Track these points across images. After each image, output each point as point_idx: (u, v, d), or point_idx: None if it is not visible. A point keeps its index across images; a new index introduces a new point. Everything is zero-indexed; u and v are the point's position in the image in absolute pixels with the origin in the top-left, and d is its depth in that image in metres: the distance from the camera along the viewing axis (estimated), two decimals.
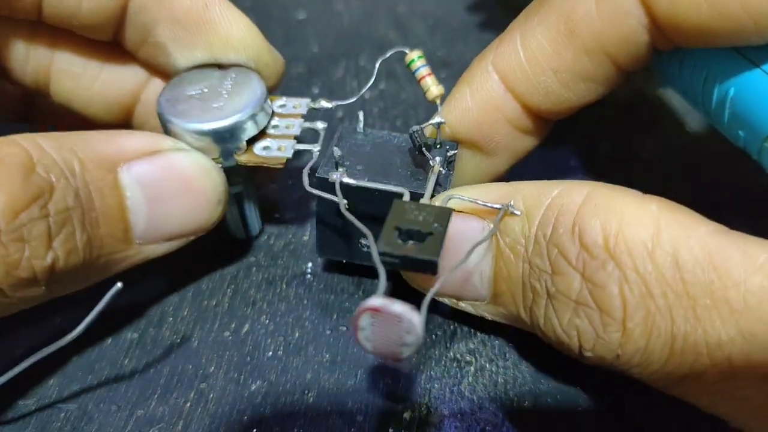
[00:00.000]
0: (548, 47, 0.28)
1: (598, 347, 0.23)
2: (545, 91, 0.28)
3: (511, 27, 0.30)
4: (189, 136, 0.28)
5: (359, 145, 0.30)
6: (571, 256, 0.23)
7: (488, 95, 0.29)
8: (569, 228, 0.23)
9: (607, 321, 0.22)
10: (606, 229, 0.22)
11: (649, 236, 0.21)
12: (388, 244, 0.23)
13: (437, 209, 0.25)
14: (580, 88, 0.28)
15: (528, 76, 0.28)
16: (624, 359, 0.22)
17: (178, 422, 0.27)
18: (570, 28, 0.27)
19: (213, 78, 0.30)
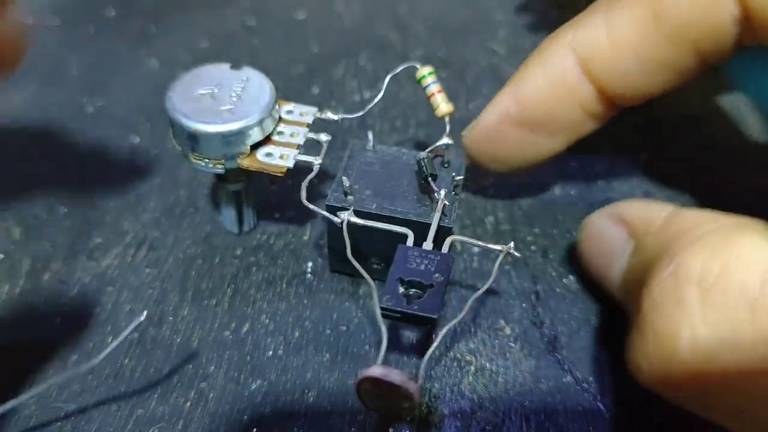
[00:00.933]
0: (633, 32, 0.27)
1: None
2: (625, 78, 0.28)
3: (593, 8, 0.29)
4: (195, 135, 0.28)
5: (369, 164, 0.31)
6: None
7: (564, 77, 0.29)
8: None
9: None
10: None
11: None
12: (389, 300, 0.25)
13: (439, 257, 0.26)
14: (660, 76, 0.28)
15: (610, 60, 0.27)
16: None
17: (178, 422, 0.27)
18: (658, 13, 0.26)
19: (225, 77, 0.30)
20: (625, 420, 0.28)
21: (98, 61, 0.45)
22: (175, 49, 0.46)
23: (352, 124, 0.40)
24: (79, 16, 0.49)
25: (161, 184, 0.37)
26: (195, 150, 0.29)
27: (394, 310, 0.24)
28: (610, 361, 0.29)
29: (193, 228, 0.35)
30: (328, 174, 0.35)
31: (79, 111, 0.41)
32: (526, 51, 0.45)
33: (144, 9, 0.50)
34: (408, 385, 0.22)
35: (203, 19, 0.49)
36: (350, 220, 0.27)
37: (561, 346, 0.30)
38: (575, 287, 0.32)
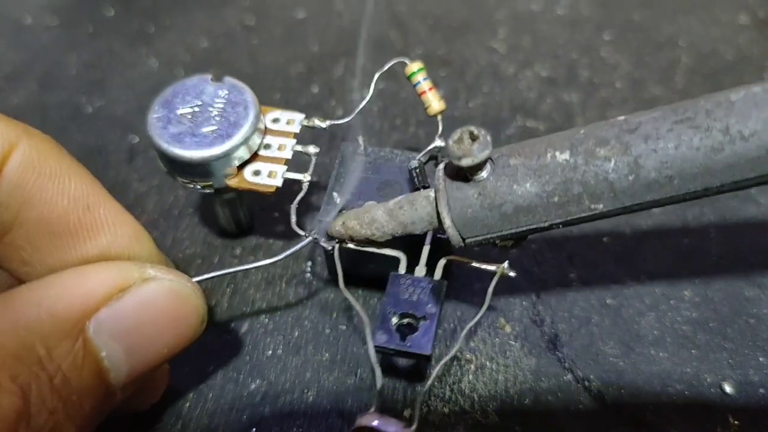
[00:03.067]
0: None
1: None
2: None
3: None
4: (180, 161, 0.27)
5: (361, 169, 0.30)
6: None
7: None
8: None
9: None
10: None
11: None
12: (382, 336, 0.25)
13: (432, 285, 0.26)
14: None
15: None
16: None
17: (177, 422, 0.27)
18: None
19: (205, 92, 0.29)
20: (625, 419, 0.27)
21: (97, 60, 0.45)
22: (174, 48, 0.46)
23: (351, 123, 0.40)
24: (78, 15, 0.49)
25: (159, 185, 0.37)
26: (181, 175, 0.28)
27: (387, 348, 0.25)
28: (611, 359, 0.29)
29: (191, 228, 0.35)
30: (321, 177, 0.35)
31: (78, 110, 0.41)
32: (526, 50, 0.46)
33: (143, 8, 0.50)
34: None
35: (202, 18, 0.49)
36: (342, 246, 0.27)
37: (561, 345, 0.30)
38: (576, 286, 0.32)
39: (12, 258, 0.24)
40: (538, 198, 0.22)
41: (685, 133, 0.20)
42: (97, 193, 0.24)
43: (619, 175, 0.21)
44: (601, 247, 0.33)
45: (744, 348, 0.29)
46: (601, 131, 0.22)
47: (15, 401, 0.19)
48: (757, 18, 0.47)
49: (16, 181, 0.22)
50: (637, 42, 0.45)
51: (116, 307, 0.22)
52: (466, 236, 0.23)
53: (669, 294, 0.31)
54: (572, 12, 0.48)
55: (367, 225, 0.25)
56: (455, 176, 0.23)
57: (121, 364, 0.22)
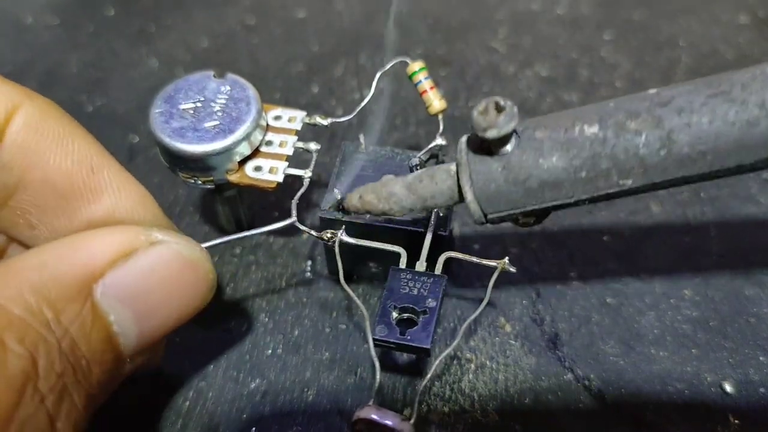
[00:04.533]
0: None
1: None
2: None
3: None
4: (181, 155, 0.27)
5: (362, 167, 0.30)
6: None
7: None
8: None
9: None
10: None
11: None
12: (382, 330, 0.25)
13: (432, 280, 0.26)
14: None
15: None
16: None
17: (177, 421, 0.27)
18: None
19: (207, 88, 0.29)
20: (625, 418, 0.27)
21: (98, 60, 0.45)
22: (174, 48, 0.46)
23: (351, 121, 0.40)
24: (79, 15, 0.49)
25: (160, 184, 0.37)
26: (182, 169, 0.28)
27: (387, 342, 0.25)
28: (611, 358, 0.29)
29: (192, 227, 0.35)
30: (321, 177, 0.35)
31: (78, 110, 0.41)
32: (526, 50, 0.46)
33: (144, 8, 0.50)
34: (402, 426, 0.23)
35: (203, 18, 0.49)
36: (342, 240, 0.27)
37: (561, 344, 0.30)
38: (576, 284, 0.32)
39: (18, 222, 0.24)
40: (565, 173, 0.21)
41: (720, 107, 0.20)
42: (101, 156, 0.24)
43: (651, 150, 0.20)
44: (601, 246, 0.33)
45: (744, 347, 0.29)
46: (632, 104, 0.21)
47: (23, 363, 0.19)
48: (757, 18, 0.47)
49: (20, 142, 0.23)
50: (637, 42, 0.46)
51: (123, 270, 0.22)
52: (488, 212, 0.23)
53: (669, 293, 0.31)
54: (572, 12, 0.48)
55: (384, 199, 0.24)
56: (478, 149, 0.22)
57: (130, 330, 0.22)
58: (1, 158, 0.23)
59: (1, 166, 0.23)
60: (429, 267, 0.27)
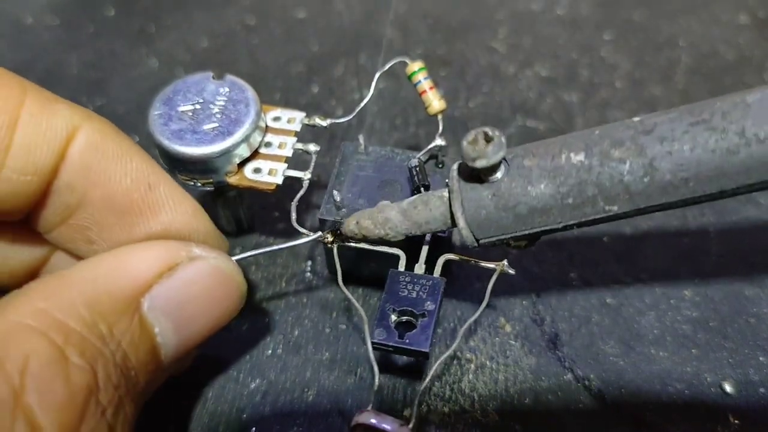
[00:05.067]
0: None
1: None
2: None
3: None
4: (181, 158, 0.27)
5: (361, 168, 0.30)
6: None
7: None
8: None
9: None
10: None
11: None
12: (380, 334, 0.25)
13: (431, 282, 0.26)
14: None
15: None
16: None
17: (177, 421, 0.27)
18: None
19: (206, 90, 0.29)
20: (625, 418, 0.27)
21: (98, 60, 0.45)
22: (174, 48, 0.46)
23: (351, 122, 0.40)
24: (79, 15, 0.49)
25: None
26: (181, 171, 0.28)
27: (385, 345, 0.25)
28: (611, 358, 0.29)
29: None
30: (321, 178, 0.35)
31: None
32: (526, 50, 0.46)
33: (144, 8, 0.50)
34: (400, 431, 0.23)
35: (203, 18, 0.49)
36: (341, 242, 0.27)
37: (561, 344, 0.30)
38: (576, 285, 0.32)
39: (77, 238, 0.25)
40: (553, 199, 0.22)
41: (700, 135, 0.20)
42: (157, 173, 0.25)
43: (635, 177, 0.21)
44: (601, 247, 0.33)
45: (744, 347, 0.29)
46: (616, 132, 0.22)
47: (86, 377, 0.20)
48: (757, 18, 0.47)
49: (82, 162, 0.23)
50: (637, 42, 0.46)
51: (167, 284, 0.23)
52: (480, 237, 0.23)
53: (669, 293, 0.31)
54: (572, 12, 0.48)
55: (381, 225, 0.25)
56: (469, 177, 0.23)
57: (170, 340, 0.23)
58: (63, 179, 0.23)
59: (63, 186, 0.23)
60: (428, 269, 0.27)
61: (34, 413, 0.18)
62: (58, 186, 0.23)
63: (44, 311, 0.20)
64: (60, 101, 0.24)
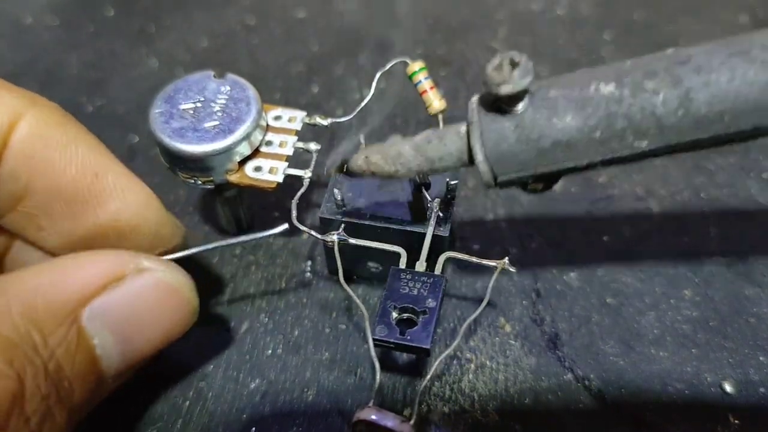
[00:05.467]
0: None
1: None
2: None
3: None
4: (181, 155, 0.27)
5: None
6: None
7: None
8: None
9: None
10: None
11: None
12: (382, 330, 0.25)
13: (432, 280, 0.26)
14: None
15: None
16: None
17: (177, 421, 0.27)
18: None
19: (207, 88, 0.29)
20: (625, 418, 0.27)
21: (98, 60, 0.45)
22: (174, 48, 0.46)
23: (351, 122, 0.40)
24: (79, 15, 0.49)
25: (160, 184, 0.37)
26: (182, 169, 0.28)
27: (387, 342, 0.25)
28: (611, 358, 0.29)
29: (192, 227, 0.35)
30: (321, 177, 0.35)
31: (78, 110, 0.41)
32: (526, 50, 0.46)
33: (144, 8, 0.50)
34: (401, 428, 0.23)
35: (203, 18, 0.49)
36: (341, 240, 0.27)
37: (561, 344, 0.30)
38: (576, 285, 0.32)
39: (27, 225, 0.25)
40: (579, 132, 0.21)
41: (739, 66, 0.19)
42: (105, 161, 0.25)
43: (668, 110, 0.20)
44: (601, 246, 0.33)
45: (744, 347, 0.29)
46: (649, 63, 0.21)
47: (11, 385, 0.19)
48: (757, 18, 0.47)
49: (24, 151, 0.23)
50: (637, 42, 0.46)
51: (110, 296, 0.22)
52: (498, 173, 0.22)
53: (669, 293, 0.31)
54: (572, 12, 0.48)
55: (391, 160, 0.24)
56: (490, 108, 0.22)
57: (112, 353, 0.23)
58: (6, 167, 0.23)
59: (7, 174, 0.23)
60: (429, 267, 0.27)
61: None
62: (1, 173, 0.23)
63: None
64: (4, 88, 0.23)
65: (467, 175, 0.37)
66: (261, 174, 0.28)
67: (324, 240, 0.27)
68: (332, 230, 0.27)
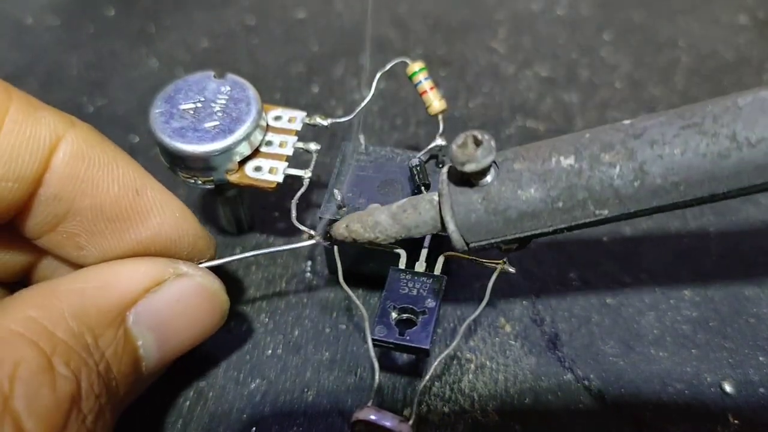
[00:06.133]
0: None
1: None
2: None
3: None
4: (182, 155, 0.27)
5: (361, 168, 0.30)
6: None
7: None
8: None
9: None
10: None
11: None
12: (381, 330, 0.25)
13: (431, 280, 0.26)
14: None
15: None
16: None
17: (178, 421, 0.27)
18: None
19: (208, 89, 0.29)
20: (625, 418, 0.27)
21: (98, 60, 0.45)
22: (174, 48, 0.46)
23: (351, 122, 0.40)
24: (79, 15, 0.49)
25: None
26: (182, 169, 0.28)
27: (386, 342, 0.25)
28: (611, 358, 0.29)
29: None
30: (321, 177, 0.35)
31: (78, 110, 0.41)
32: (526, 50, 0.46)
33: (144, 8, 0.50)
34: (400, 428, 0.23)
35: (203, 18, 0.49)
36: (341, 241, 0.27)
37: (561, 344, 0.30)
38: (576, 285, 0.32)
39: (67, 244, 0.25)
40: (543, 203, 0.22)
41: (692, 139, 0.20)
42: (144, 177, 0.25)
43: (625, 182, 0.21)
44: (600, 247, 0.33)
45: (744, 347, 0.29)
46: (606, 135, 0.22)
47: (69, 386, 0.20)
48: (756, 19, 0.47)
49: (67, 172, 0.23)
50: (637, 42, 0.46)
51: (152, 299, 0.24)
52: (470, 241, 0.23)
53: (669, 293, 0.31)
54: (572, 12, 0.48)
55: (370, 228, 0.25)
56: (459, 181, 0.23)
57: (153, 353, 0.24)
58: (49, 189, 0.23)
59: (51, 196, 0.23)
60: (428, 267, 0.27)
61: (21, 418, 0.19)
62: (44, 195, 0.23)
63: (34, 320, 0.21)
64: (44, 108, 0.23)
65: None
66: (261, 174, 0.28)
67: (323, 243, 0.27)
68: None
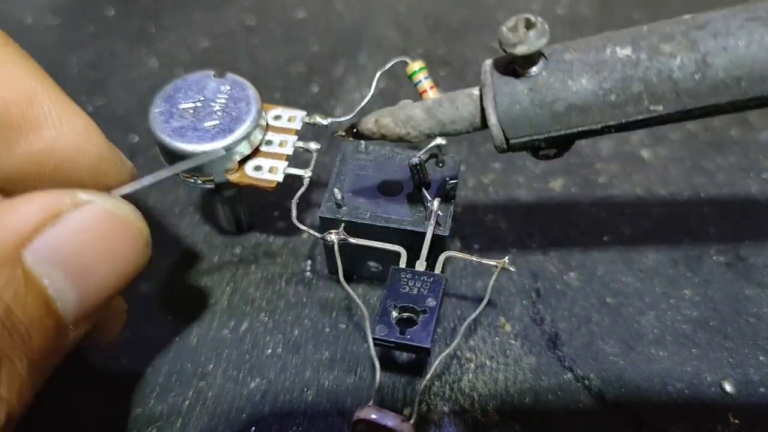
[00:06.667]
0: None
1: None
2: None
3: None
4: (181, 154, 0.27)
5: (361, 167, 0.30)
6: None
7: None
8: None
9: None
10: None
11: None
12: (381, 330, 0.25)
13: (432, 279, 0.26)
14: None
15: None
16: None
17: (177, 420, 0.27)
18: None
19: (207, 88, 0.29)
20: (625, 417, 0.27)
21: (98, 60, 0.45)
22: (174, 48, 0.46)
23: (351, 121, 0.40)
24: (79, 15, 0.49)
25: (160, 184, 0.37)
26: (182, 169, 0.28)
27: (387, 341, 0.25)
28: (611, 358, 0.29)
29: (192, 227, 0.35)
30: (321, 176, 0.35)
31: None
32: None
33: (144, 8, 0.50)
34: (402, 427, 0.23)
35: (203, 18, 0.49)
36: (341, 240, 0.27)
37: (561, 344, 0.30)
38: (576, 284, 0.32)
39: None
40: (594, 96, 0.21)
41: (756, 31, 0.19)
42: (43, 87, 0.23)
43: (685, 74, 0.20)
44: (601, 246, 0.33)
45: (744, 347, 0.29)
46: (666, 27, 0.20)
47: None
48: None
49: None
50: None
51: (51, 234, 0.21)
52: (510, 136, 0.22)
53: (669, 293, 0.31)
54: (572, 12, 0.48)
55: (402, 123, 0.23)
56: (504, 71, 0.22)
57: (67, 293, 0.21)
58: None
59: None
60: (429, 266, 0.27)
61: None
62: None
63: None
64: None
65: (467, 174, 0.37)
66: (261, 173, 0.28)
67: (324, 239, 0.27)
68: (332, 230, 0.27)
